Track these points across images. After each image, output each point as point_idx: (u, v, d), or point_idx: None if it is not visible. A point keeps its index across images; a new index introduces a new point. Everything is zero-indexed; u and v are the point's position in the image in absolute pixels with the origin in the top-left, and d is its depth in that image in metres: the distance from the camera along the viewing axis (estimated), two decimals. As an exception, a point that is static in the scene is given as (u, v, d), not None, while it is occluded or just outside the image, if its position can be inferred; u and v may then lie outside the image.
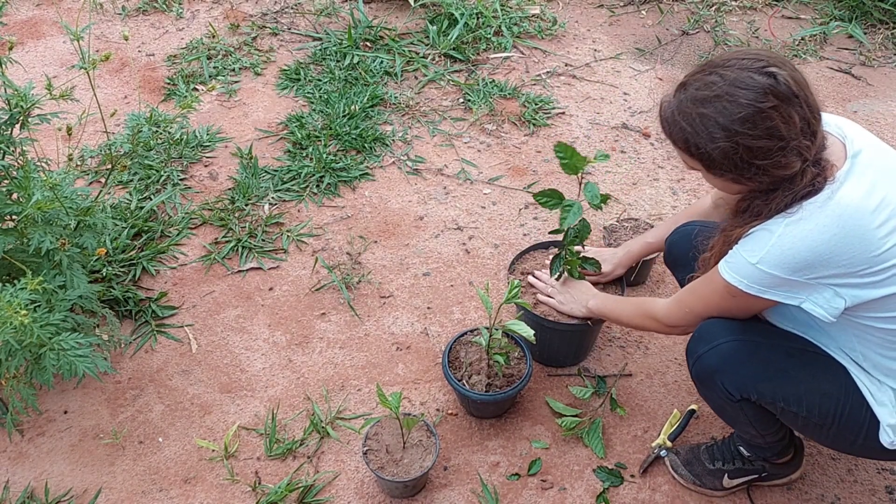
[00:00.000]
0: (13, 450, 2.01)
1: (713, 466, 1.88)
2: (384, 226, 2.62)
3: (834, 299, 1.41)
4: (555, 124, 3.04)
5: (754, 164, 1.38)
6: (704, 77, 1.40)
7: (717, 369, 1.57)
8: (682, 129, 1.42)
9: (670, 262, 1.99)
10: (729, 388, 1.57)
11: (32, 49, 3.45)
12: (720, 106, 1.36)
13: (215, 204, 2.68)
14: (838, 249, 1.35)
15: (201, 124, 3.00)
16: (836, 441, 1.60)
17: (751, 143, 1.35)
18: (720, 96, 1.36)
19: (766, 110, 1.33)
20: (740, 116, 1.34)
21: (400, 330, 2.30)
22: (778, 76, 1.34)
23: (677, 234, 1.94)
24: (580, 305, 1.97)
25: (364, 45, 3.43)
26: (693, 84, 1.41)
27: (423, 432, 1.88)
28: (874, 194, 1.37)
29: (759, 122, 1.34)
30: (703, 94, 1.38)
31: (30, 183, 1.74)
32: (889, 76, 3.33)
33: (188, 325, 2.31)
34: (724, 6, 3.75)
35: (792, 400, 1.53)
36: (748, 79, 1.35)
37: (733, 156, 1.37)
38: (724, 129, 1.36)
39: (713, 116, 1.37)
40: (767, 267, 1.41)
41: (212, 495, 1.92)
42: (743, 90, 1.34)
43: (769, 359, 1.56)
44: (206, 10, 3.70)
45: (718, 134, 1.37)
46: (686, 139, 1.42)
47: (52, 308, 1.76)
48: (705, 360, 1.59)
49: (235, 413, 2.09)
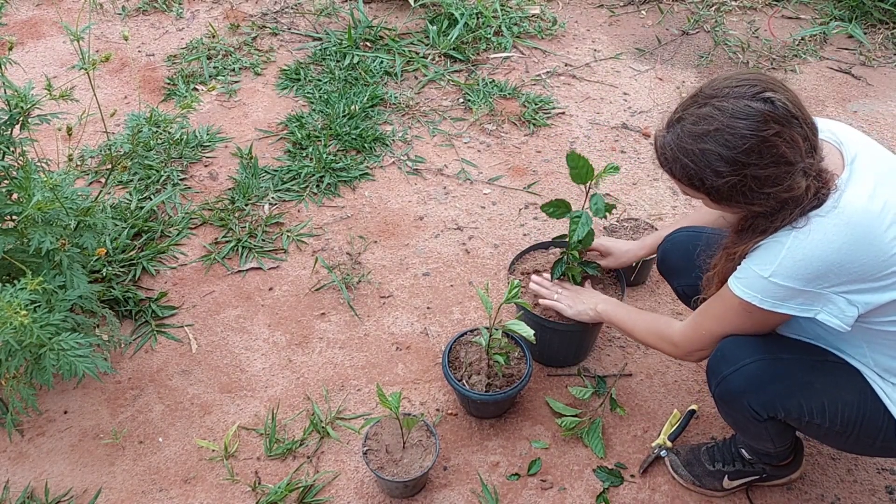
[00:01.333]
0: (13, 450, 2.01)
1: (713, 468, 1.88)
2: (384, 226, 2.62)
3: (848, 308, 1.39)
4: (555, 124, 3.04)
5: (763, 192, 1.35)
6: (698, 110, 1.36)
7: (745, 390, 1.54)
8: (684, 167, 1.38)
9: (664, 271, 1.98)
10: (756, 409, 1.54)
11: (32, 49, 3.45)
12: (721, 139, 1.32)
13: (215, 204, 2.68)
14: (850, 256, 1.34)
15: (201, 124, 3.00)
16: (855, 446, 1.59)
17: (759, 172, 1.33)
18: (720, 130, 1.32)
19: (770, 138, 1.31)
20: (745, 148, 1.31)
21: (400, 330, 2.30)
22: (775, 101, 1.31)
23: (669, 243, 1.93)
24: (588, 308, 1.92)
25: (364, 45, 3.43)
26: (688, 118, 1.37)
27: (423, 432, 1.88)
28: (877, 198, 1.36)
29: (765, 151, 1.31)
30: (701, 128, 1.34)
31: (30, 183, 1.74)
32: (889, 76, 3.33)
33: (188, 325, 2.31)
34: (724, 6, 3.75)
35: (817, 412, 1.52)
36: (745, 108, 1.31)
37: (742, 187, 1.34)
38: (730, 162, 1.33)
39: (716, 151, 1.33)
40: (781, 279, 1.39)
41: (212, 495, 1.92)
42: (743, 120, 1.31)
43: (794, 374, 1.54)
44: (206, 10, 3.70)
45: (724, 168, 1.33)
46: (690, 176, 1.38)
47: (52, 308, 1.76)
48: (732, 381, 1.55)
49: (235, 413, 2.09)
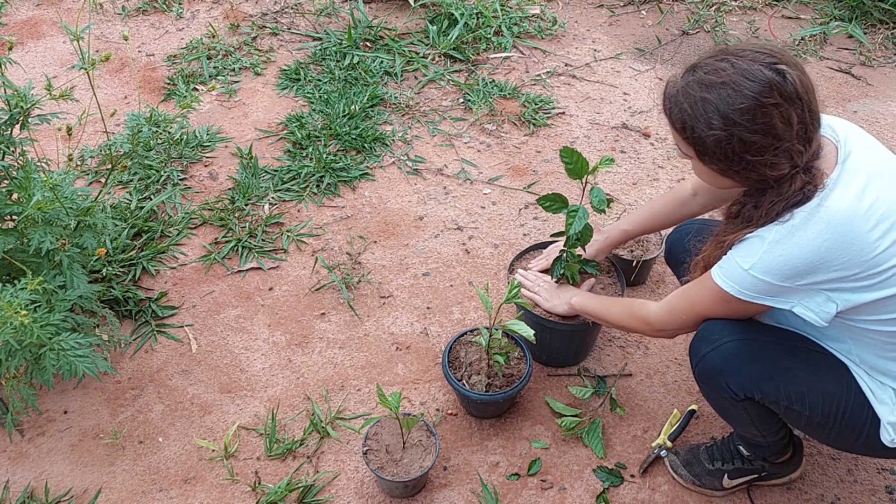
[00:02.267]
0: (13, 450, 2.01)
1: (713, 466, 1.88)
2: (384, 226, 2.62)
3: (826, 304, 1.41)
4: (555, 124, 3.04)
5: (745, 158, 1.37)
6: (715, 62, 1.39)
7: (721, 369, 1.57)
8: (682, 111, 1.41)
9: (671, 262, 2.00)
10: (733, 388, 1.56)
11: (32, 49, 3.45)
12: (724, 93, 1.35)
13: (215, 204, 2.68)
14: (830, 256, 1.35)
15: (201, 124, 3.00)
16: (838, 440, 1.60)
17: (745, 135, 1.35)
18: (726, 83, 1.35)
19: (768, 106, 1.33)
20: (741, 107, 1.33)
21: (400, 330, 2.30)
22: (787, 75, 1.34)
23: (678, 234, 1.95)
24: (562, 302, 1.96)
25: (364, 45, 3.43)
26: (703, 68, 1.40)
27: (423, 432, 1.88)
28: (865, 197, 1.36)
29: (758, 117, 1.33)
30: (709, 78, 1.37)
31: (30, 183, 1.74)
32: (889, 76, 3.33)
33: (188, 325, 2.31)
34: (724, 6, 3.75)
35: (795, 398, 1.53)
36: (757, 71, 1.33)
37: (726, 146, 1.37)
38: (723, 117, 1.35)
39: (715, 103, 1.36)
40: (759, 273, 1.41)
41: (212, 495, 1.92)
42: (749, 82, 1.33)
43: (773, 357, 1.56)
44: (206, 10, 3.70)
45: (716, 121, 1.36)
46: (684, 121, 1.41)
47: (52, 308, 1.76)
48: (709, 359, 1.58)
49: (235, 413, 2.09)
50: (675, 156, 2.90)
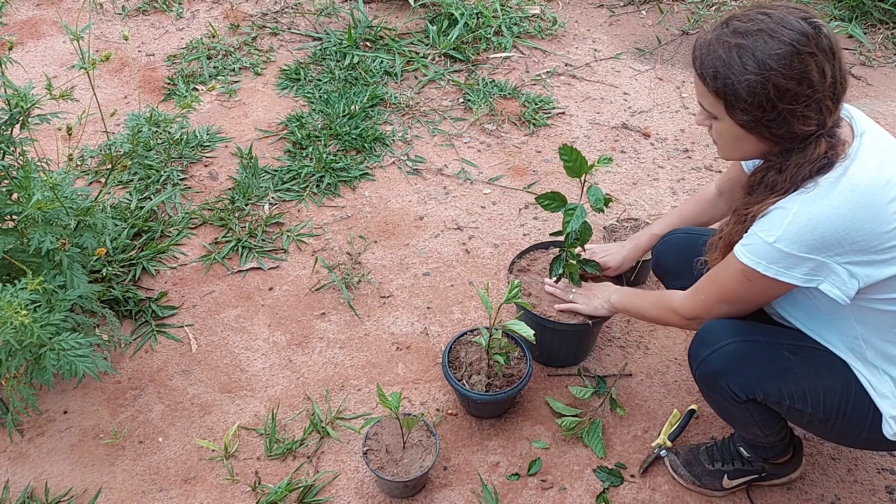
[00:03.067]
0: (13, 450, 2.01)
1: (713, 467, 1.88)
2: (384, 226, 2.62)
3: (849, 280, 1.40)
4: (555, 124, 3.04)
5: (778, 107, 1.35)
6: (750, 14, 1.38)
7: (722, 371, 1.56)
8: (715, 58, 1.38)
9: (659, 273, 1.99)
10: (735, 390, 1.56)
11: (32, 49, 3.45)
12: (760, 40, 1.34)
13: (215, 204, 2.68)
14: (854, 225, 1.35)
15: (201, 124, 3.00)
16: (841, 436, 1.60)
17: (781, 82, 1.34)
18: (762, 31, 1.34)
19: (804, 54, 1.33)
20: (778, 53, 1.33)
21: (400, 330, 2.30)
22: (822, 28, 1.34)
23: (664, 245, 1.94)
24: (603, 302, 1.94)
25: (364, 45, 3.43)
26: (737, 19, 1.39)
27: (423, 432, 1.88)
28: (883, 171, 1.37)
29: (795, 64, 1.33)
30: (745, 26, 1.37)
31: (30, 183, 1.74)
32: (889, 76, 3.33)
33: (188, 325, 2.31)
34: (724, 6, 3.75)
35: (797, 398, 1.53)
36: (795, 22, 1.34)
37: (760, 92, 1.35)
38: (759, 62, 1.34)
39: (751, 48, 1.34)
40: (785, 245, 1.39)
41: (212, 495, 1.92)
42: (787, 30, 1.33)
43: (773, 358, 1.55)
44: (206, 10, 3.70)
45: (751, 66, 1.34)
46: (716, 69, 1.39)
47: (52, 308, 1.76)
48: (709, 362, 1.58)
49: (235, 413, 2.09)
50: (675, 155, 2.90)
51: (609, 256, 2.07)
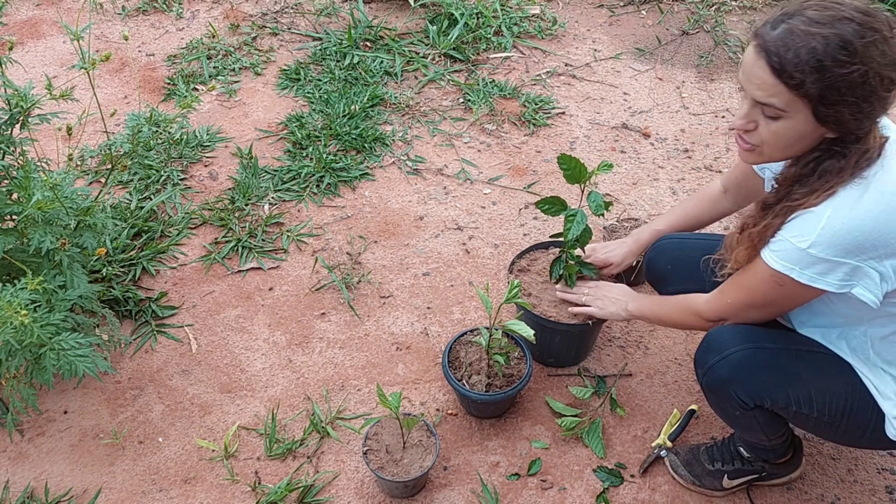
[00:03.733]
0: (13, 450, 2.01)
1: (713, 467, 1.88)
2: (384, 226, 2.62)
3: (881, 283, 1.36)
4: (555, 124, 3.04)
5: (874, 96, 1.26)
6: (818, 2, 1.27)
7: (730, 379, 1.54)
8: (811, 50, 1.23)
9: (651, 279, 1.97)
10: (742, 397, 1.54)
11: (32, 49, 3.45)
12: (851, 28, 1.23)
13: (215, 204, 2.68)
14: (888, 227, 1.31)
15: (201, 124, 3.00)
16: (845, 437, 1.60)
17: (881, 70, 1.24)
18: (847, 19, 1.23)
19: (891, 39, 1.25)
20: (874, 40, 1.23)
21: (400, 330, 2.30)
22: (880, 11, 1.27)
23: (655, 251, 1.92)
24: (620, 310, 1.89)
25: (364, 45, 3.43)
26: (808, 9, 1.27)
27: (423, 432, 1.88)
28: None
29: (889, 50, 1.25)
30: (827, 14, 1.24)
31: (30, 183, 1.74)
32: (889, 76, 3.33)
33: (188, 325, 2.31)
34: (724, 6, 3.75)
35: (804, 402, 1.52)
36: (866, 6, 1.25)
37: (860, 82, 1.24)
38: (857, 52, 1.22)
39: (847, 38, 1.22)
40: (820, 250, 1.34)
41: (212, 495, 1.92)
42: (868, 16, 1.24)
43: (780, 364, 1.54)
44: (206, 10, 3.70)
45: (847, 58, 1.23)
46: (809, 61, 1.24)
47: (52, 308, 1.76)
48: (717, 370, 1.56)
49: (235, 413, 2.09)
50: (675, 155, 2.90)
51: (610, 253, 2.05)
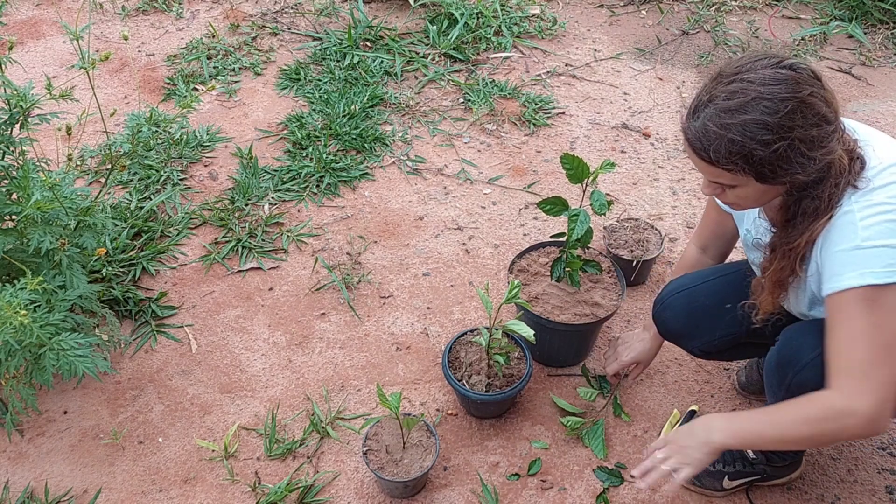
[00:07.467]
0: (13, 450, 2.01)
1: (714, 468, 1.87)
2: (384, 226, 2.62)
3: None
4: (555, 124, 3.04)
5: (810, 155, 1.29)
6: (727, 87, 1.31)
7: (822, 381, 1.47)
8: (729, 143, 1.30)
9: (671, 338, 1.88)
10: None
11: (32, 49, 3.44)
12: (760, 107, 1.27)
13: (215, 204, 2.68)
14: None
15: (201, 124, 3.00)
16: None
17: (804, 134, 1.28)
18: (757, 98, 1.28)
19: (807, 98, 1.27)
20: (788, 111, 1.26)
21: (400, 330, 2.30)
22: (798, 66, 1.29)
23: (664, 309, 1.83)
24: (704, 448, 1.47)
25: (364, 45, 3.43)
26: (719, 97, 1.31)
27: (423, 432, 1.88)
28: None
29: (807, 111, 1.28)
30: (736, 101, 1.29)
31: (29, 183, 1.74)
32: (889, 76, 3.33)
33: (188, 325, 2.31)
34: (724, 6, 3.75)
35: None
36: (776, 74, 1.28)
37: (790, 154, 1.29)
38: (776, 128, 1.27)
39: (759, 119, 1.27)
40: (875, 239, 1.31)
41: (212, 495, 1.92)
42: (778, 85, 1.27)
43: None
44: (206, 10, 3.70)
45: (769, 136, 1.27)
46: (734, 153, 1.30)
47: (51, 308, 1.76)
48: (813, 367, 1.48)
49: (235, 413, 2.09)
50: (675, 155, 2.90)
51: (634, 352, 1.97)
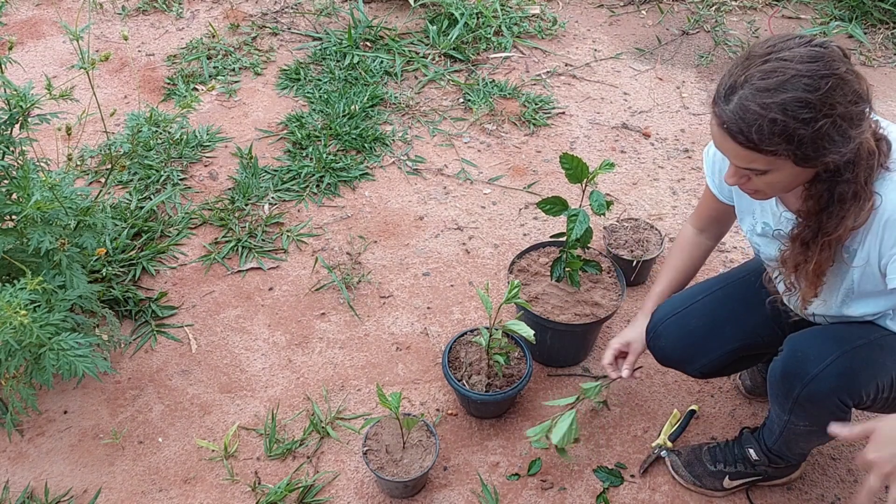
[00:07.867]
0: (13, 450, 2.01)
1: (714, 468, 1.87)
2: (384, 226, 2.62)
3: None
4: (555, 124, 3.04)
5: (850, 134, 1.25)
6: (760, 67, 1.24)
7: (837, 386, 1.49)
8: (771, 123, 1.23)
9: (671, 365, 1.84)
10: (845, 401, 1.50)
11: (32, 49, 3.44)
12: (800, 84, 1.21)
13: (215, 204, 2.68)
14: None
15: (201, 124, 3.00)
16: None
17: (845, 110, 1.24)
18: (797, 76, 1.21)
19: (844, 74, 1.23)
20: (828, 87, 1.21)
21: (400, 330, 2.30)
22: (829, 44, 1.25)
23: (657, 337, 1.79)
24: None
25: (364, 45, 3.42)
26: (754, 77, 1.24)
27: (423, 432, 1.88)
28: None
29: (846, 87, 1.24)
30: (774, 80, 1.22)
31: (29, 183, 1.73)
32: (889, 76, 3.33)
33: (188, 325, 2.31)
34: (724, 6, 3.75)
35: (887, 387, 1.52)
36: (811, 51, 1.23)
37: (831, 131, 1.23)
38: (816, 106, 1.21)
39: (802, 97, 1.21)
40: None
41: (212, 495, 1.92)
42: (815, 62, 1.22)
43: (872, 358, 1.52)
44: (206, 9, 3.70)
45: (810, 114, 1.21)
46: (774, 133, 1.24)
47: (51, 308, 1.76)
48: (823, 380, 1.48)
49: (235, 413, 2.09)
50: (675, 156, 2.90)
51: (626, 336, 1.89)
